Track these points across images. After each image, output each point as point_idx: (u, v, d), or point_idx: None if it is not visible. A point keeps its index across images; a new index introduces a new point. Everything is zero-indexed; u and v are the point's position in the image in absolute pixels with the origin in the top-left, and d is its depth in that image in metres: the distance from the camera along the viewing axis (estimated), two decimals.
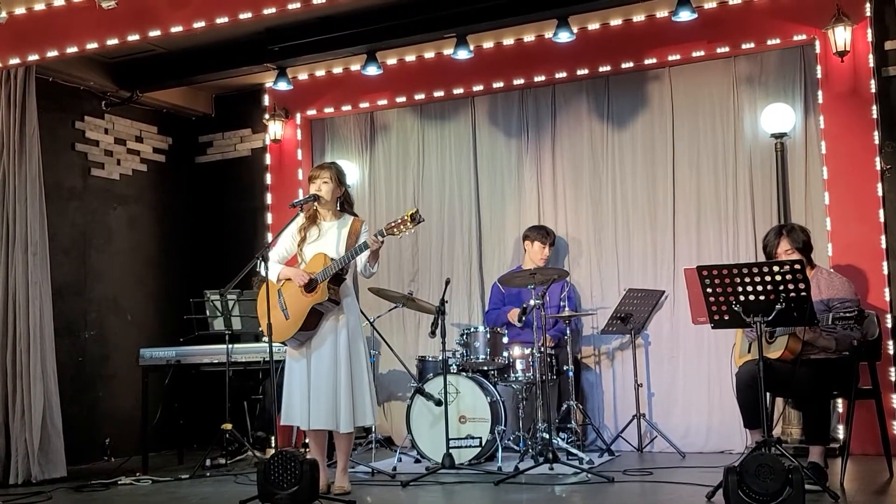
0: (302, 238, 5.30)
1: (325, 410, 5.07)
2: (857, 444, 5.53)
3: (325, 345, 5.14)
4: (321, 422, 5.10)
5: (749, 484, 3.53)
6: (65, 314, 7.03)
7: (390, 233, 5.00)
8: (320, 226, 5.32)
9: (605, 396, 6.95)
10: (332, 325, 5.16)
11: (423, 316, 7.21)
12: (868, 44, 6.18)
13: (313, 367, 5.13)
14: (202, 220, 8.34)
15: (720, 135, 6.78)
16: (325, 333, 5.16)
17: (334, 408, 5.07)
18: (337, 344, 5.13)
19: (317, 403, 5.09)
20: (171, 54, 7.27)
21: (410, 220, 4.93)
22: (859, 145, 6.17)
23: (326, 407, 5.07)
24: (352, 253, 5.10)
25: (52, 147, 7.03)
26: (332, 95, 7.82)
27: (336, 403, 5.07)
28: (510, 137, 7.42)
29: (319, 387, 5.10)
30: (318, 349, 5.15)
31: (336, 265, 5.08)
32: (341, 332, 5.15)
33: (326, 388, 5.08)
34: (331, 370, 5.10)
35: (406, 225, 4.95)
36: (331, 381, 5.09)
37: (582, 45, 6.86)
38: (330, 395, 5.08)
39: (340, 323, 5.16)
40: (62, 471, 6.20)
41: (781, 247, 5.23)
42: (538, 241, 6.82)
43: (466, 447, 6.00)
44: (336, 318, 5.17)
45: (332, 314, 5.16)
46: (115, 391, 7.46)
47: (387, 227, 5.01)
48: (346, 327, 5.16)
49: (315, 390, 5.10)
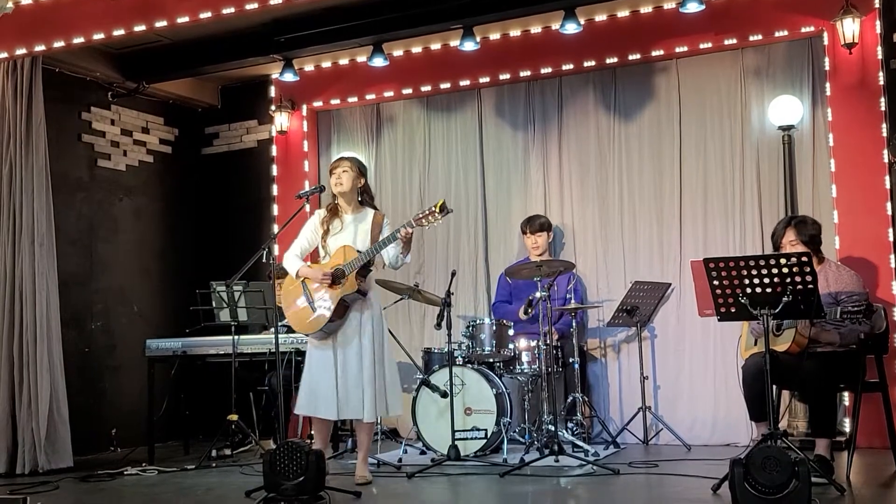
0: (325, 230, 5.32)
1: (354, 401, 5.12)
2: (863, 438, 5.52)
3: (352, 336, 5.18)
4: (351, 412, 5.15)
5: (755, 476, 3.52)
6: (71, 305, 7.04)
7: (419, 224, 5.02)
8: (342, 219, 5.34)
9: (611, 389, 6.94)
10: (356, 316, 5.19)
11: (428, 308, 7.21)
12: (877, 35, 6.15)
13: (340, 359, 5.17)
14: (208, 212, 8.34)
15: (727, 127, 6.76)
16: (351, 324, 5.19)
17: (361, 398, 5.11)
18: (362, 334, 5.17)
19: (345, 394, 5.13)
20: (177, 45, 7.26)
21: (439, 210, 4.95)
22: (867, 138, 6.14)
23: (355, 397, 5.12)
24: (380, 244, 5.13)
25: (58, 138, 7.04)
26: (339, 87, 7.81)
27: (363, 393, 5.11)
28: (516, 129, 7.40)
29: (347, 378, 5.14)
30: (344, 340, 5.18)
31: (364, 256, 5.11)
32: (366, 323, 5.19)
33: (355, 378, 5.13)
34: (357, 361, 5.14)
35: (434, 216, 4.97)
36: (358, 372, 5.13)
37: (589, 36, 6.83)
38: (357, 385, 5.12)
39: (366, 315, 5.20)
40: (69, 461, 6.23)
41: (787, 237, 5.22)
42: (523, 232, 6.88)
43: (472, 439, 6.00)
44: (361, 309, 5.20)
45: (358, 305, 5.19)
46: (121, 382, 7.48)
47: (416, 218, 5.04)
48: (371, 319, 5.20)
49: (343, 381, 5.14)
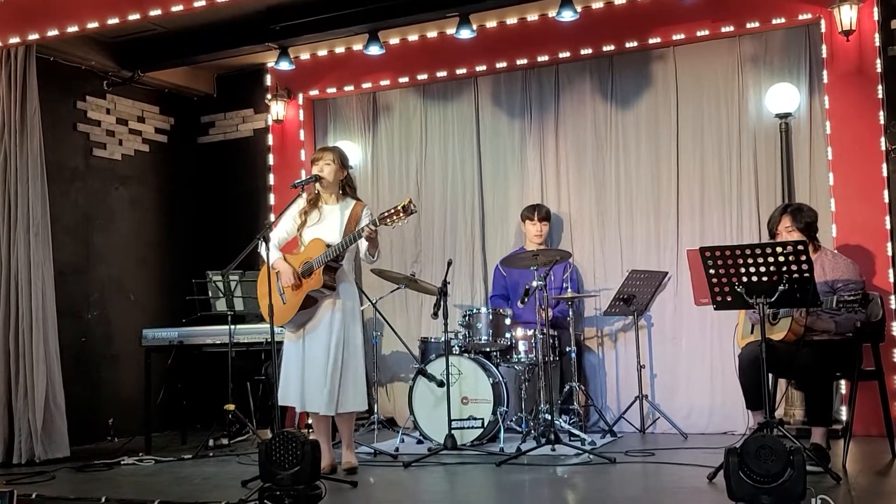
0: (302, 222, 5.29)
1: (318, 393, 5.09)
2: (859, 426, 5.52)
3: (319, 328, 5.15)
4: (314, 405, 5.12)
5: (750, 465, 3.51)
6: (68, 294, 7.03)
7: (383, 223, 4.96)
8: (321, 209, 5.30)
9: (608, 378, 6.94)
10: (328, 309, 5.16)
11: (425, 297, 7.20)
12: (874, 23, 6.12)
13: (307, 351, 5.15)
14: (204, 201, 8.32)
15: (724, 115, 6.73)
16: (320, 317, 5.16)
17: (324, 390, 5.08)
18: (331, 328, 5.13)
19: (310, 386, 5.11)
20: (172, 34, 7.23)
21: (403, 210, 4.88)
22: (864, 125, 6.13)
23: (319, 390, 5.09)
24: (346, 241, 5.08)
25: (53, 127, 7.01)
26: (335, 75, 7.78)
27: (327, 386, 5.07)
28: (513, 118, 7.38)
29: (312, 369, 5.12)
30: (312, 333, 5.16)
31: (331, 252, 5.07)
32: (336, 315, 5.14)
33: (319, 371, 5.09)
34: (324, 354, 5.10)
35: (399, 215, 4.90)
36: (323, 365, 5.09)
37: (586, 24, 6.80)
38: (321, 378, 5.09)
39: (336, 307, 5.16)
40: (65, 451, 6.23)
41: (783, 224, 5.21)
42: (528, 219, 6.84)
43: (468, 428, 6.00)
44: (332, 302, 5.16)
45: (329, 299, 5.16)
46: (118, 371, 7.48)
47: (380, 216, 4.98)
48: (341, 311, 5.15)
49: (309, 373, 5.12)
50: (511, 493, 4.78)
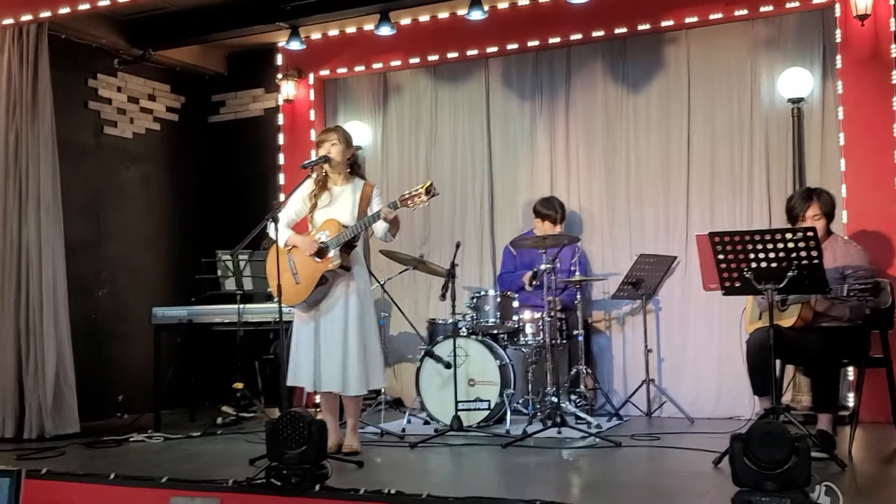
0: (313, 204, 5.29)
1: (334, 373, 5.10)
2: (866, 413, 5.51)
3: (334, 309, 5.15)
4: (330, 384, 5.14)
5: (754, 452, 3.51)
6: (79, 272, 7.06)
7: (404, 204, 4.99)
8: (331, 191, 5.30)
9: (615, 361, 6.95)
10: (342, 290, 5.17)
11: (434, 279, 7.18)
12: (890, 7, 6.06)
13: (322, 331, 5.16)
14: (215, 180, 8.34)
15: (736, 99, 6.69)
16: (334, 298, 5.17)
17: (342, 371, 5.10)
18: (347, 308, 5.14)
19: (326, 366, 5.12)
20: (183, 12, 7.22)
21: (425, 192, 4.92)
22: (877, 111, 6.08)
23: (335, 370, 5.10)
24: (365, 222, 5.10)
25: (65, 105, 7.01)
26: (345, 55, 7.76)
27: (344, 367, 5.10)
28: (524, 100, 7.35)
29: (329, 350, 5.12)
30: (327, 313, 5.17)
31: (349, 233, 5.08)
32: (351, 296, 5.16)
33: (335, 351, 5.11)
34: (340, 334, 5.12)
35: (420, 198, 4.94)
36: (339, 345, 5.11)
37: (598, 5, 6.73)
38: (339, 358, 5.10)
39: (351, 288, 5.17)
40: (75, 427, 6.27)
41: (810, 211, 5.14)
42: (548, 220, 6.68)
43: (475, 410, 6.02)
44: (346, 283, 5.17)
45: (343, 279, 5.17)
46: (128, 349, 7.52)
47: (401, 198, 5.01)
48: (356, 292, 5.17)
49: (325, 354, 5.14)
50: (516, 475, 4.80)
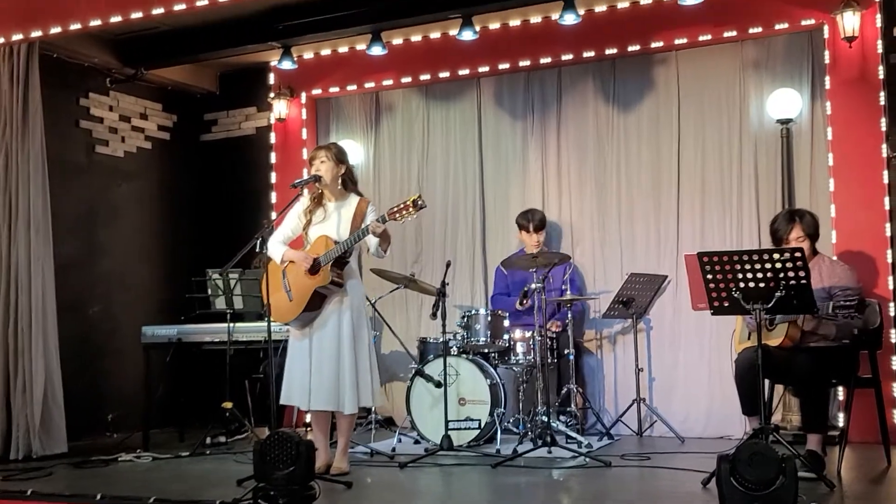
0: (308, 220, 5.29)
1: (327, 391, 5.09)
2: (856, 433, 5.52)
3: (328, 326, 5.14)
4: (322, 403, 5.12)
5: (742, 472, 3.52)
6: (70, 290, 7.04)
7: (392, 218, 4.98)
8: (326, 207, 5.31)
9: (606, 380, 6.95)
10: (335, 307, 5.16)
11: (425, 297, 7.20)
12: (877, 29, 6.11)
13: (315, 349, 5.15)
14: (206, 199, 8.34)
15: (726, 120, 6.73)
16: (328, 315, 5.16)
17: (337, 389, 5.09)
18: (340, 325, 5.13)
19: (319, 384, 5.10)
20: (175, 31, 7.23)
21: (413, 205, 4.91)
22: (866, 132, 6.12)
23: (329, 388, 5.08)
24: (354, 237, 5.08)
25: (56, 124, 7.03)
26: (338, 75, 7.78)
27: (339, 384, 5.09)
28: (515, 119, 7.38)
29: (322, 368, 5.11)
30: (320, 330, 5.16)
31: (339, 248, 5.08)
32: (345, 313, 5.15)
33: (329, 369, 5.09)
34: (334, 351, 5.10)
35: (408, 210, 4.93)
36: (334, 363, 5.09)
37: (588, 27, 6.80)
38: (333, 376, 5.09)
39: (344, 305, 5.16)
40: (63, 446, 6.25)
41: (794, 233, 5.17)
42: (524, 229, 6.75)
43: (465, 429, 6.01)
44: (340, 299, 5.16)
45: (336, 296, 5.16)
46: (118, 367, 7.49)
47: (388, 212, 5.00)
48: (349, 309, 5.15)
49: (317, 371, 5.12)
50: (507, 495, 4.79)
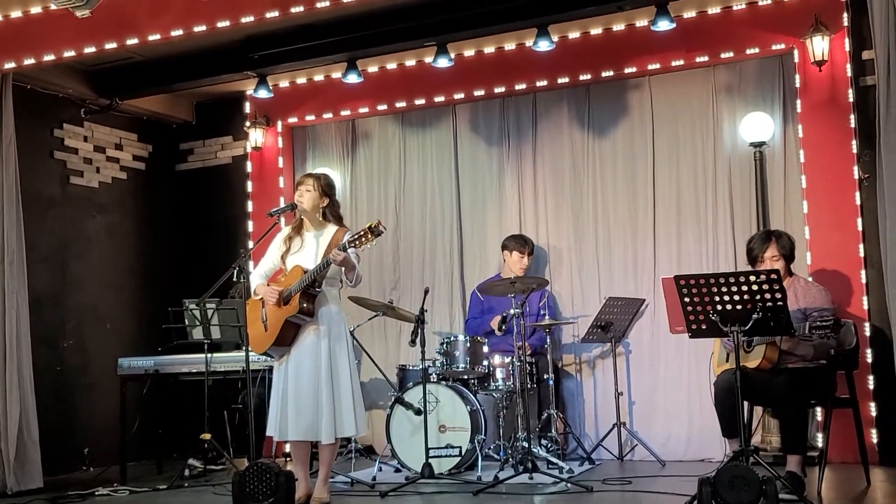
0: (286, 249, 5.28)
1: (305, 421, 5.03)
2: (835, 453, 5.54)
3: (304, 355, 5.10)
4: (300, 433, 5.06)
5: (723, 495, 3.53)
6: (44, 323, 6.98)
7: (352, 245, 4.94)
8: (303, 236, 5.30)
9: (586, 405, 6.94)
10: (313, 336, 5.11)
11: (403, 324, 7.17)
12: (846, 53, 6.20)
13: (292, 378, 5.09)
14: (182, 229, 8.30)
15: (700, 143, 6.79)
16: (305, 344, 5.11)
17: (315, 419, 5.03)
18: (318, 354, 5.08)
19: (295, 414, 5.04)
20: (150, 62, 7.22)
21: (370, 231, 4.87)
22: (838, 154, 6.19)
23: (307, 418, 5.03)
24: (318, 267, 5.04)
25: (30, 155, 6.98)
26: (314, 103, 7.80)
27: (317, 414, 5.03)
28: (491, 145, 7.41)
29: (299, 398, 5.05)
30: (297, 359, 5.11)
31: (307, 278, 5.05)
32: (322, 341, 5.10)
33: (307, 398, 5.04)
34: (312, 380, 5.05)
35: (367, 237, 4.89)
36: (311, 392, 5.04)
37: (562, 53, 6.86)
38: (310, 405, 5.03)
39: (321, 333, 5.11)
40: (38, 482, 6.16)
41: (769, 252, 5.22)
42: (516, 250, 6.79)
43: (446, 456, 5.98)
44: (317, 328, 5.12)
45: (313, 325, 5.12)
46: (93, 400, 7.41)
47: (349, 240, 4.97)
48: (327, 337, 5.10)
49: (294, 401, 5.06)
50: None
